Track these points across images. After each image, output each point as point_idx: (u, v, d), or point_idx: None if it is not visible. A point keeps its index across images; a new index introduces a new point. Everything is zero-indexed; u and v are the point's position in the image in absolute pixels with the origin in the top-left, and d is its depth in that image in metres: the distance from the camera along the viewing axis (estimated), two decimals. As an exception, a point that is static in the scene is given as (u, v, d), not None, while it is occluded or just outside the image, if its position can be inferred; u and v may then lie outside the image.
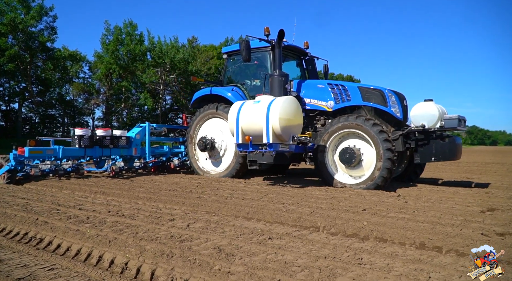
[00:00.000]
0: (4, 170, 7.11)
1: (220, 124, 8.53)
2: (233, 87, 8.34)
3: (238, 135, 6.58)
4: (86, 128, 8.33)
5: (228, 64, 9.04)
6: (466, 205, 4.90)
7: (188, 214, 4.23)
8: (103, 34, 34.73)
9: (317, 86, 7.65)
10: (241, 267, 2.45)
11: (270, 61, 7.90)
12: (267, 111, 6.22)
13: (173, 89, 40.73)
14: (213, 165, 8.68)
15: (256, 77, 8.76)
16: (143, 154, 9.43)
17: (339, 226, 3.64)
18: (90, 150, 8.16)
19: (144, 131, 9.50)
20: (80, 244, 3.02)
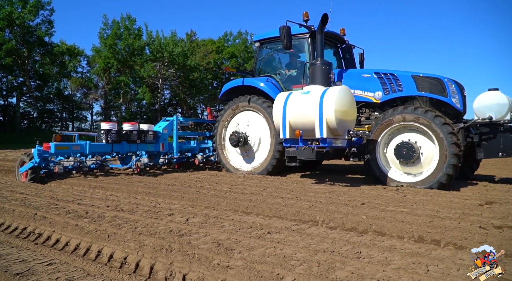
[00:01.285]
0: (28, 167, 6.63)
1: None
2: (267, 78, 7.83)
3: (284, 130, 5.94)
4: (113, 122, 7.84)
5: (260, 53, 8.40)
6: (464, 198, 4.91)
7: (187, 209, 4.23)
8: (101, 28, 34.59)
9: (361, 76, 7.00)
10: (240, 261, 2.45)
11: (309, 49, 7.31)
12: (320, 102, 5.59)
13: (172, 84, 40.60)
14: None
15: (292, 66, 8.17)
16: (170, 150, 8.91)
17: (338, 220, 3.65)
18: (117, 146, 7.62)
19: (171, 125, 8.95)
20: (79, 238, 3.02)
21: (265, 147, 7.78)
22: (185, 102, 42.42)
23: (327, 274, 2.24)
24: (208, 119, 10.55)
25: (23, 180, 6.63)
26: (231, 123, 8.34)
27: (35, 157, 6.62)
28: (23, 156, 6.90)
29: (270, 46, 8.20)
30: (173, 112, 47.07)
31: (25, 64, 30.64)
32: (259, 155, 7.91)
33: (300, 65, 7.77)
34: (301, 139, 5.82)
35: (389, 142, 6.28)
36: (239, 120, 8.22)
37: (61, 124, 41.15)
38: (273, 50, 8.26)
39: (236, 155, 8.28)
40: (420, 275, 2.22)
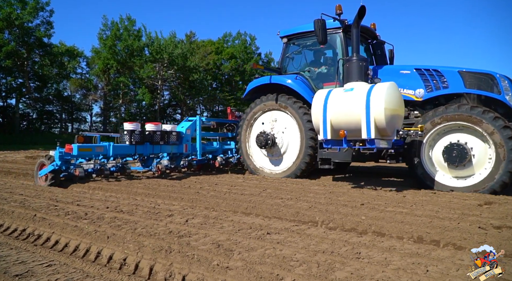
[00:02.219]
0: (48, 170, 6.21)
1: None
2: (296, 76, 7.44)
3: (325, 130, 5.53)
4: (136, 122, 7.39)
5: (287, 49, 7.98)
6: (463, 198, 4.92)
7: (187, 210, 4.23)
8: (101, 29, 34.56)
9: (400, 72, 6.55)
10: (239, 262, 2.45)
11: (342, 44, 6.96)
12: (367, 100, 5.18)
13: (171, 85, 40.62)
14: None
15: (322, 63, 7.80)
16: (193, 151, 8.51)
17: (337, 221, 3.65)
18: (140, 147, 7.25)
19: (194, 126, 8.55)
20: (78, 240, 3.02)
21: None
22: (185, 103, 42.42)
23: (327, 275, 2.25)
24: (229, 119, 10.05)
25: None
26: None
27: (56, 160, 6.20)
28: (42, 158, 6.49)
29: (298, 42, 7.82)
30: (172, 113, 47.09)
31: (25, 65, 30.63)
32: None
33: (331, 61, 7.48)
34: (345, 140, 5.45)
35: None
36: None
37: (60, 125, 41.15)
38: (301, 46, 7.87)
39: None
40: (419, 275, 2.23)
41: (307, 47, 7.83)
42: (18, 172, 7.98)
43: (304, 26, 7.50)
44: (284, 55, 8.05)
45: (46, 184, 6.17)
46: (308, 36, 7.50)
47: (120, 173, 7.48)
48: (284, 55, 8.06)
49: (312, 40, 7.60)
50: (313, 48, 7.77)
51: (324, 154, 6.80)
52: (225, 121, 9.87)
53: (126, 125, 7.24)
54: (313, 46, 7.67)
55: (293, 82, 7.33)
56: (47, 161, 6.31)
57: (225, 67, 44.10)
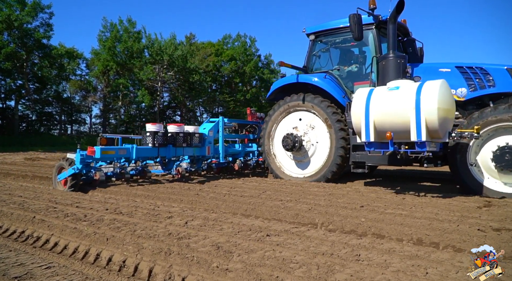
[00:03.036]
0: (68, 174, 5.85)
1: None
2: (325, 74, 7.11)
3: (368, 131, 5.16)
4: (159, 123, 7.07)
5: (314, 47, 7.63)
6: (463, 201, 4.92)
7: (186, 212, 4.23)
8: (101, 31, 34.57)
9: (439, 70, 6.15)
10: (239, 264, 2.45)
11: (375, 41, 6.62)
12: (417, 99, 4.80)
13: (171, 87, 40.64)
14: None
15: (351, 62, 7.49)
16: (216, 154, 8.19)
17: (337, 223, 3.65)
18: (163, 150, 6.93)
19: (217, 127, 8.27)
20: (78, 242, 3.01)
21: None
22: (184, 104, 42.42)
23: (326, 277, 2.24)
24: (249, 120, 9.69)
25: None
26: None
27: (77, 163, 5.84)
28: (61, 161, 6.13)
29: (327, 39, 7.47)
30: (172, 115, 47.08)
31: (24, 66, 30.63)
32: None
33: (363, 59, 7.20)
34: (391, 143, 5.05)
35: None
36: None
37: (59, 127, 41.09)
38: (329, 44, 7.53)
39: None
40: (419, 277, 2.23)
41: (336, 45, 7.47)
42: (17, 174, 7.97)
43: (333, 23, 7.23)
44: (310, 53, 7.68)
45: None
46: (338, 32, 7.20)
47: (140, 176, 7.18)
48: (310, 53, 7.69)
49: (342, 37, 7.28)
50: (342, 46, 7.42)
51: (358, 157, 6.41)
52: (247, 123, 9.51)
53: (148, 126, 6.88)
54: (343, 43, 7.33)
55: (323, 82, 7.00)
56: (66, 164, 5.97)
57: (225, 69, 44.14)
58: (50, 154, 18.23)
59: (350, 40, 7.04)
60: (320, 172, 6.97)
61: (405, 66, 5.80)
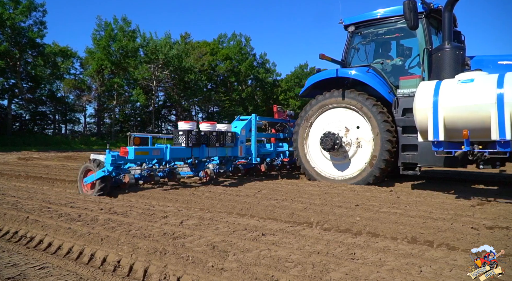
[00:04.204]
0: (97, 177, 5.33)
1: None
2: (368, 68, 6.67)
3: (437, 130, 4.68)
4: (193, 121, 6.52)
5: (353, 39, 7.19)
6: (457, 199, 4.97)
7: (181, 211, 4.22)
8: (95, 30, 34.39)
9: (498, 63, 5.61)
10: (234, 263, 2.45)
11: (424, 32, 6.15)
12: (499, 92, 4.29)
13: (166, 86, 40.50)
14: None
15: (394, 55, 7.04)
16: (248, 154, 7.70)
17: (332, 222, 3.66)
18: (196, 150, 6.44)
19: (249, 126, 7.77)
20: (72, 242, 2.99)
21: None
22: (180, 104, 42.30)
23: (322, 276, 2.25)
24: (280, 119, 9.14)
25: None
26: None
27: (107, 165, 5.33)
28: (88, 163, 5.61)
29: (368, 31, 7.02)
30: (167, 114, 46.92)
31: (17, 65, 30.33)
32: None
33: (409, 52, 6.78)
34: (467, 142, 4.57)
35: None
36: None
37: (54, 127, 40.75)
38: (371, 36, 7.05)
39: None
40: (413, 275, 2.24)
41: (379, 36, 7.03)
42: (11, 174, 7.90)
43: (375, 13, 6.83)
44: (348, 46, 7.23)
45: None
46: (381, 23, 6.81)
47: (169, 179, 6.70)
48: (348, 46, 7.23)
49: (385, 28, 6.86)
50: (385, 37, 6.96)
51: (408, 157, 5.89)
52: (277, 121, 8.97)
53: (182, 125, 6.38)
54: (386, 35, 6.90)
55: (366, 76, 6.52)
56: (94, 166, 5.45)
57: (220, 68, 44.08)
58: (44, 154, 18.09)
59: (395, 31, 6.69)
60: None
61: (464, 58, 5.36)
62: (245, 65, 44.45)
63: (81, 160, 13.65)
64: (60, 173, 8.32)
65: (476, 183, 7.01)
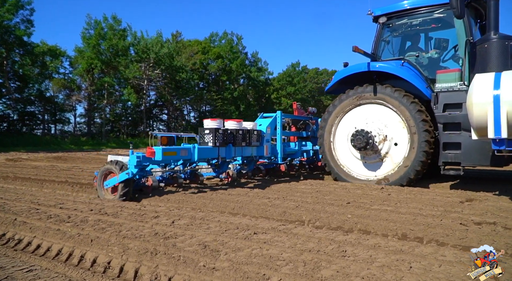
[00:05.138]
0: (120, 180, 4.94)
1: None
2: (402, 62, 6.33)
3: (498, 126, 4.31)
4: (219, 119, 6.07)
5: (384, 31, 6.82)
6: (446, 196, 5.03)
7: (173, 211, 4.19)
8: (84, 28, 34.00)
9: None
10: (226, 262, 2.44)
11: (465, 22, 5.78)
12: None
13: (157, 85, 40.23)
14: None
15: (429, 47, 6.70)
16: (273, 154, 7.34)
17: (323, 220, 3.68)
18: (223, 150, 5.98)
19: (274, 123, 7.39)
20: (61, 244, 2.95)
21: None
22: (171, 103, 42.08)
23: (313, 274, 2.26)
24: (302, 116, 8.76)
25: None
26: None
27: (131, 167, 4.94)
28: (109, 165, 5.20)
29: (400, 22, 6.66)
30: (159, 114, 46.62)
31: (4, 65, 29.81)
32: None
33: (446, 44, 6.44)
34: None
35: None
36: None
37: (43, 127, 40.18)
38: (403, 27, 6.70)
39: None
40: (403, 272, 2.26)
41: (412, 28, 6.69)
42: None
43: (409, 2, 6.50)
44: (379, 38, 6.84)
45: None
46: (415, 13, 6.49)
47: (191, 180, 6.34)
48: (379, 38, 6.84)
49: (420, 19, 6.53)
50: (420, 29, 6.61)
51: (451, 157, 5.51)
52: (300, 118, 8.55)
53: (208, 123, 5.92)
54: (421, 26, 6.56)
55: (402, 70, 6.14)
56: (117, 168, 5.05)
57: (212, 67, 43.95)
58: (33, 155, 17.83)
59: (430, 22, 6.38)
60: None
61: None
62: (236, 63, 44.43)
63: (71, 161, 13.48)
64: (49, 174, 8.21)
65: (466, 179, 7.07)
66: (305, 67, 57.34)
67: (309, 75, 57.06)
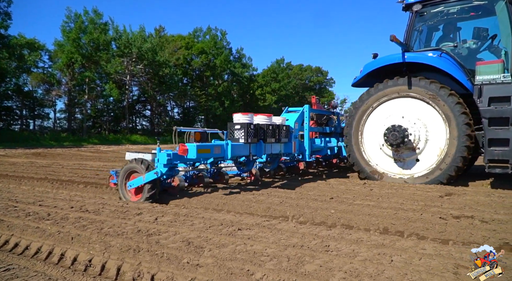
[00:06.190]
0: (146, 180, 4.48)
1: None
2: (440, 52, 6.01)
3: None
4: (250, 113, 5.61)
5: (418, 19, 6.45)
6: (426, 191, 5.15)
7: (156, 208, 4.14)
8: (64, 22, 33.06)
9: None
10: (210, 259, 2.44)
11: (509, 11, 5.46)
12: None
13: (140, 80, 39.57)
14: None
15: (466, 37, 6.36)
16: (301, 151, 6.94)
17: (307, 215, 3.71)
18: (254, 146, 5.55)
19: (301, 118, 6.98)
20: (40, 242, 2.88)
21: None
22: (155, 99, 41.48)
23: (297, 268, 2.28)
24: (323, 110, 8.38)
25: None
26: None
27: (160, 166, 4.49)
28: (133, 163, 4.71)
29: (436, 10, 6.34)
30: (142, 109, 45.91)
31: (-21, 58, 28.73)
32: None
33: (485, 33, 6.11)
34: None
35: None
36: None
37: (21, 122, 38.94)
38: (440, 15, 6.38)
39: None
40: (384, 265, 2.31)
41: (448, 16, 6.39)
42: (-27, 172, 7.50)
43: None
44: (411, 27, 6.46)
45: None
46: (453, 1, 6.16)
47: (215, 180, 5.99)
48: (411, 28, 6.47)
49: (458, 6, 6.21)
50: (457, 17, 6.30)
51: (497, 154, 5.21)
52: (324, 113, 8.18)
53: (238, 117, 5.45)
54: (459, 14, 6.26)
55: (441, 61, 5.82)
56: (142, 167, 4.58)
57: (196, 63, 43.54)
58: (10, 151, 17.28)
59: (469, 10, 6.12)
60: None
61: None
62: (220, 59, 44.16)
63: (51, 157, 13.14)
64: (28, 171, 7.98)
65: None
66: (289, 63, 57.54)
67: (293, 71, 57.32)
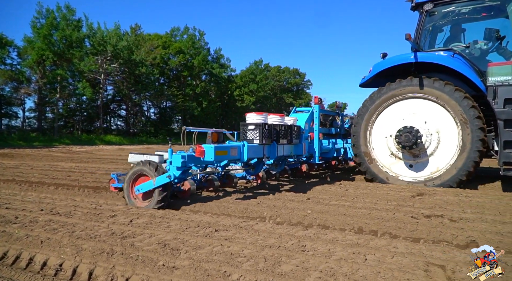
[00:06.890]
0: (157, 184, 4.13)
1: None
2: (453, 53, 5.94)
3: None
4: (264, 113, 5.28)
5: (428, 19, 6.35)
6: (399, 191, 5.32)
7: (131, 210, 4.05)
8: (35, 17, 31.72)
9: None
10: (186, 261, 2.41)
11: None
12: None
13: (115, 79, 38.60)
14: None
15: (477, 38, 6.29)
16: (310, 152, 6.70)
17: (284, 216, 3.74)
18: (268, 148, 5.28)
19: (311, 118, 6.78)
20: (7, 246, 2.75)
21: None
22: (130, 98, 40.57)
23: (273, 269, 2.29)
24: (331, 111, 8.27)
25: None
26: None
27: (173, 169, 4.16)
28: (139, 166, 4.32)
29: (447, 9, 6.26)
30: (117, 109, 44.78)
31: None
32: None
33: (497, 34, 6.07)
34: None
35: None
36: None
37: (-14, 121, 37.05)
38: (451, 15, 6.32)
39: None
40: (359, 264, 2.36)
41: (460, 16, 6.35)
42: None
43: None
44: (421, 27, 6.35)
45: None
46: (464, 0, 6.11)
47: (223, 183, 5.70)
48: (421, 27, 6.35)
49: (470, 6, 6.15)
50: (469, 17, 6.27)
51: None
52: (330, 113, 8.06)
53: (252, 116, 5.14)
54: (470, 14, 6.24)
55: (454, 62, 5.73)
56: (152, 170, 4.20)
57: (173, 62, 42.97)
58: (-26, 151, 16.40)
59: (481, 10, 6.09)
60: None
61: None
62: (198, 59, 43.79)
63: (19, 158, 12.57)
64: (-7, 172, 7.61)
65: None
66: (267, 65, 57.82)
67: (271, 73, 57.64)
